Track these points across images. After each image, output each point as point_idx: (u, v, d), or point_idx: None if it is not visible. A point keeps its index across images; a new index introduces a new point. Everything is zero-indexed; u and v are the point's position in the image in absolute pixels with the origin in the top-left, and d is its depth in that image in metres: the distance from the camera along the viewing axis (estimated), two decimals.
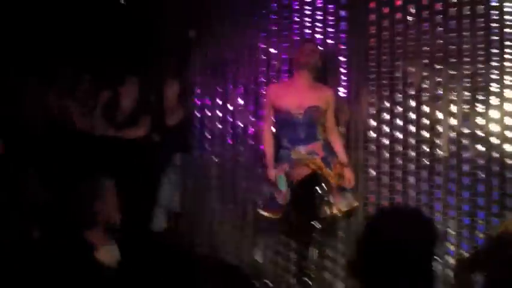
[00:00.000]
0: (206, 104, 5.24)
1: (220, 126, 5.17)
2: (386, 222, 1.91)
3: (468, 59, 4.33)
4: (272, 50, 4.97)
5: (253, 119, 5.02)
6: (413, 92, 4.48)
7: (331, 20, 4.80)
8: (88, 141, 5.29)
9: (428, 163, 4.37)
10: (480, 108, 4.26)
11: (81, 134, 5.40)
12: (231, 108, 5.12)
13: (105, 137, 5.30)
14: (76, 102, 5.56)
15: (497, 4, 4.26)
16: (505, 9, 4.23)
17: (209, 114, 5.23)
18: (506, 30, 4.21)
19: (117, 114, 5.39)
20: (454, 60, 4.36)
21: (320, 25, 4.83)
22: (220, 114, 5.17)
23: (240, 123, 5.08)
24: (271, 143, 4.42)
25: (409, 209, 2.96)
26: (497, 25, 4.25)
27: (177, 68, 5.38)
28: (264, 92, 4.50)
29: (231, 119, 5.12)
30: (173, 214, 5.32)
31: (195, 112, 5.25)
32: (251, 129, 5.03)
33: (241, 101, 5.09)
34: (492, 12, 4.25)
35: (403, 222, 1.90)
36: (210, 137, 5.22)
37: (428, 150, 4.39)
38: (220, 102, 5.17)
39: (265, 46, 5.01)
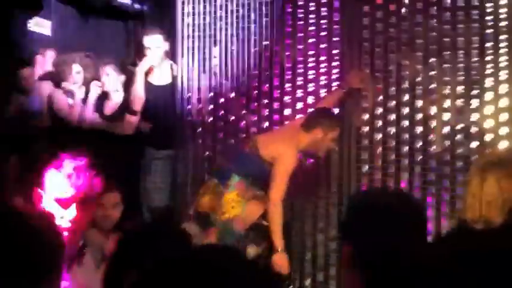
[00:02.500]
0: (196, 97, 5.31)
1: (211, 119, 5.24)
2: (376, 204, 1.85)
3: (462, 53, 4.38)
4: (264, 42, 5.01)
5: (244, 112, 5.08)
6: (406, 86, 4.53)
7: (325, 11, 4.84)
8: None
9: (421, 158, 4.44)
10: (474, 103, 4.32)
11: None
12: (222, 101, 5.19)
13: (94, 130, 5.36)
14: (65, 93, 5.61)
15: None
16: (500, 2, 4.28)
17: (200, 107, 5.29)
18: (501, 23, 4.26)
19: (105, 107, 5.45)
20: (448, 53, 4.42)
21: (313, 16, 4.87)
22: (212, 107, 5.24)
23: (231, 117, 5.15)
24: None
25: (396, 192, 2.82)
26: (492, 18, 4.30)
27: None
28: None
29: (222, 112, 5.19)
30: (159, 210, 5.38)
31: (185, 105, 5.31)
32: (242, 123, 5.10)
33: (232, 94, 5.15)
34: (487, 5, 4.30)
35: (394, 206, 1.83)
36: (200, 130, 5.28)
37: (421, 145, 4.45)
38: (212, 95, 5.23)
39: (256, 38, 5.06)
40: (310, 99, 4.81)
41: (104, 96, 5.44)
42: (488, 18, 4.30)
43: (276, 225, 4.00)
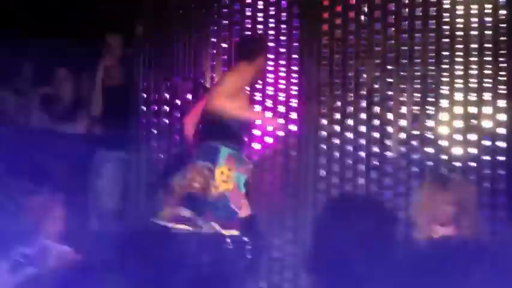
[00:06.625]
0: (153, 99, 5.39)
1: (167, 121, 5.32)
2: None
3: (419, 61, 4.62)
4: (223, 45, 5.15)
5: None
6: (364, 92, 4.74)
7: (284, 16, 5.01)
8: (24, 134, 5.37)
9: (378, 164, 4.64)
10: (430, 110, 4.56)
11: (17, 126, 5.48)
12: (178, 103, 5.28)
13: (42, 130, 5.39)
14: (14, 92, 5.63)
15: (449, 6, 4.56)
16: (457, 12, 4.53)
17: (155, 108, 5.38)
18: (457, 33, 4.51)
19: (56, 107, 5.49)
20: (405, 61, 4.64)
21: (273, 21, 5.04)
22: (167, 109, 5.33)
23: None
24: None
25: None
26: (448, 27, 4.55)
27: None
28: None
29: (178, 114, 5.28)
30: (108, 213, 5.41)
31: (141, 107, 5.38)
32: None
33: (189, 96, 5.25)
34: (444, 14, 4.55)
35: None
36: (156, 132, 5.37)
37: (378, 151, 4.66)
38: (168, 97, 5.33)
39: (215, 40, 5.18)
40: (269, 103, 4.97)
41: (54, 96, 5.49)
42: (444, 27, 4.55)
43: (242, 114, 4.15)
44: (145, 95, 5.40)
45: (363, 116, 4.72)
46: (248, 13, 5.10)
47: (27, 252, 2.31)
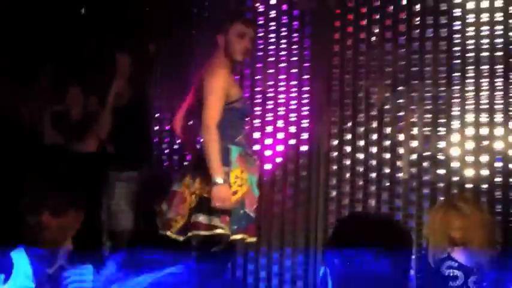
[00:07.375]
0: (166, 118, 5.42)
1: (179, 140, 5.35)
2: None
3: (430, 82, 4.61)
4: None
5: None
6: (375, 113, 4.74)
7: (296, 37, 5.04)
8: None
9: (388, 185, 4.63)
10: (441, 131, 4.54)
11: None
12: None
13: (55, 146, 5.41)
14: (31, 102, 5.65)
15: (460, 28, 4.56)
16: (468, 34, 4.53)
17: (167, 128, 5.41)
18: (468, 54, 4.51)
19: (67, 124, 5.51)
20: (416, 82, 4.64)
21: (284, 41, 5.07)
22: None
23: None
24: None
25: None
26: (459, 48, 4.55)
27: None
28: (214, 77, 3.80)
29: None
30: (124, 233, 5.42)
31: (154, 126, 5.42)
32: None
33: None
34: (455, 36, 4.55)
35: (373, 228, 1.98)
36: (168, 151, 5.39)
37: (389, 171, 4.65)
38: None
39: None
40: (280, 123, 4.99)
41: (65, 113, 5.52)
42: (455, 48, 4.55)
43: (212, 153, 3.67)
44: (157, 114, 5.44)
45: (374, 137, 4.72)
46: (260, 34, 5.12)
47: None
